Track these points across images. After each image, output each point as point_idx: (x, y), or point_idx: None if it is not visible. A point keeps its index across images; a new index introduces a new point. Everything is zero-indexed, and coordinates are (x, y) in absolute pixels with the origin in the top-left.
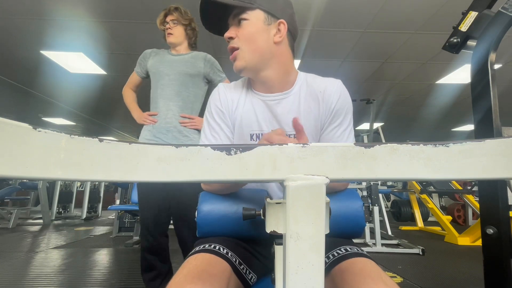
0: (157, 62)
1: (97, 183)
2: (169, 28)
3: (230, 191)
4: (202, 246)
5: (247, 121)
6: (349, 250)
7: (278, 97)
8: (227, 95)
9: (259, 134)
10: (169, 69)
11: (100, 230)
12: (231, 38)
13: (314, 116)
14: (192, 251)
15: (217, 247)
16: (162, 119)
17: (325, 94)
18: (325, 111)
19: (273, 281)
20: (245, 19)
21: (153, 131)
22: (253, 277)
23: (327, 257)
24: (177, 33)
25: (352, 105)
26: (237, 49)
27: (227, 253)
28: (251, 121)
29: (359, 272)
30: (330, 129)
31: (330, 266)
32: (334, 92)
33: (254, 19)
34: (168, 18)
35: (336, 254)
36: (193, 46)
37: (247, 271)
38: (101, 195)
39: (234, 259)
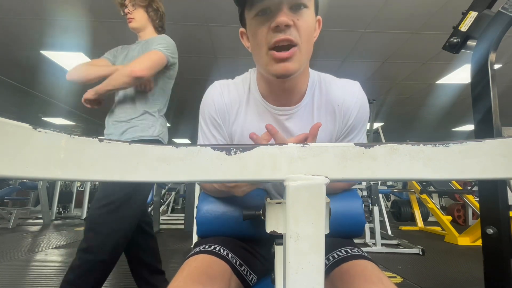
0: (120, 55)
1: (97, 183)
2: (129, 12)
3: (225, 195)
4: (202, 247)
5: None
6: (350, 252)
7: (289, 111)
8: (225, 100)
9: None
10: (124, 59)
11: None
12: (288, 26)
13: (330, 131)
14: (192, 252)
15: (217, 248)
16: (113, 111)
17: (343, 107)
18: (341, 126)
19: (273, 281)
20: (305, 6)
21: (108, 124)
22: (254, 277)
23: (327, 258)
24: (137, 17)
25: (369, 113)
26: (295, 45)
27: (227, 254)
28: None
29: (359, 274)
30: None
31: (330, 268)
32: (354, 105)
33: (312, 8)
34: (127, 1)
35: (336, 256)
36: (159, 29)
37: (248, 272)
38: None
39: (234, 261)
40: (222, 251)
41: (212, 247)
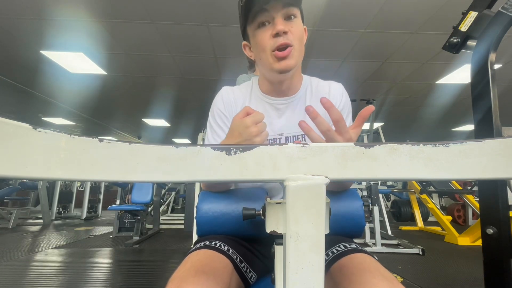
0: None
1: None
2: None
3: (227, 188)
4: (202, 243)
5: None
6: (348, 246)
7: (287, 100)
8: (230, 98)
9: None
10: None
11: (100, 230)
12: (285, 32)
13: (322, 114)
14: (193, 248)
15: (217, 244)
16: None
17: (330, 94)
18: None
19: (273, 281)
20: (295, 16)
21: None
22: (253, 276)
23: (326, 254)
24: None
25: (350, 105)
26: (291, 45)
27: (228, 250)
28: None
29: (358, 266)
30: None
31: (329, 263)
32: (338, 93)
33: (299, 18)
34: None
35: (335, 251)
36: None
37: (248, 270)
38: (102, 191)
39: (235, 256)
40: (223, 246)
41: (213, 243)
